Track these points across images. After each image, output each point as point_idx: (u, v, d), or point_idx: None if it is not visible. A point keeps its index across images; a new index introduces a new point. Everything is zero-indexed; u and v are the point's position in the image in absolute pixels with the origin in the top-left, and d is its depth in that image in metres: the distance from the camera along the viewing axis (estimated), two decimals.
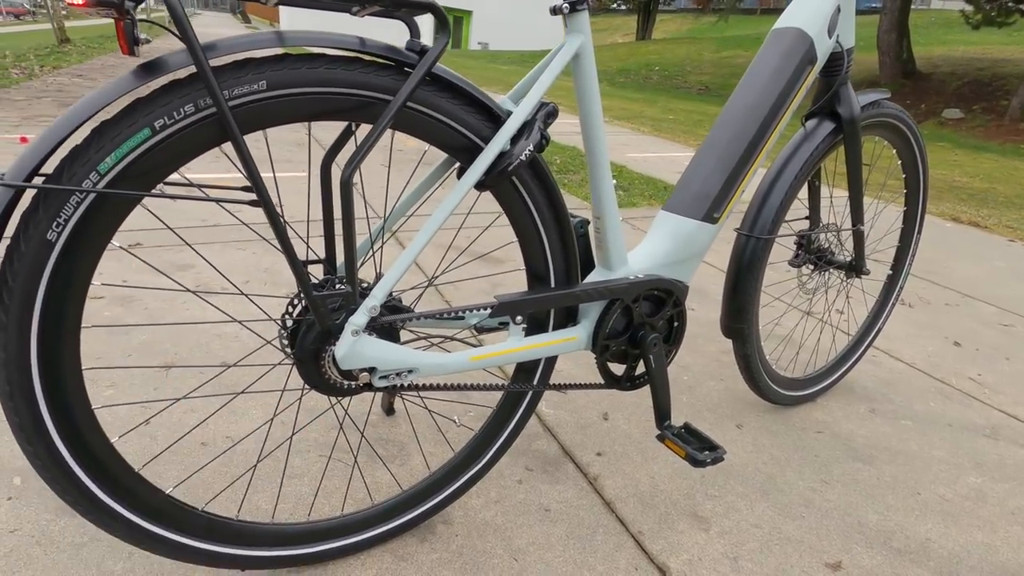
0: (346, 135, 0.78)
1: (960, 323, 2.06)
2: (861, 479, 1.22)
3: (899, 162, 1.40)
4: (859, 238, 1.31)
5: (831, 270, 1.38)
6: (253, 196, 0.64)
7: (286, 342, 0.79)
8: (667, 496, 1.12)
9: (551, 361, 0.98)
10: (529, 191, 0.82)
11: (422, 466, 1.12)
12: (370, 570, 0.90)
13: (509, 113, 0.78)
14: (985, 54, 11.13)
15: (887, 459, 1.29)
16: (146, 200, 2.57)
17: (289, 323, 0.78)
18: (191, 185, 0.66)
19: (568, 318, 0.96)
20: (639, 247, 1.04)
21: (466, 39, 28.91)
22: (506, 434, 0.99)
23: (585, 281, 0.94)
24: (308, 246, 0.78)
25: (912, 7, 11.13)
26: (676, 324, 1.03)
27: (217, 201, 0.64)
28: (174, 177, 1.97)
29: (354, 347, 0.74)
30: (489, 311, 0.84)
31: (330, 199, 0.82)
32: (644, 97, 10.50)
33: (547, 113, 0.79)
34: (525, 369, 0.97)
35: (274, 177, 1.01)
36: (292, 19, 19.59)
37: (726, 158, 1.03)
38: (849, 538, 1.06)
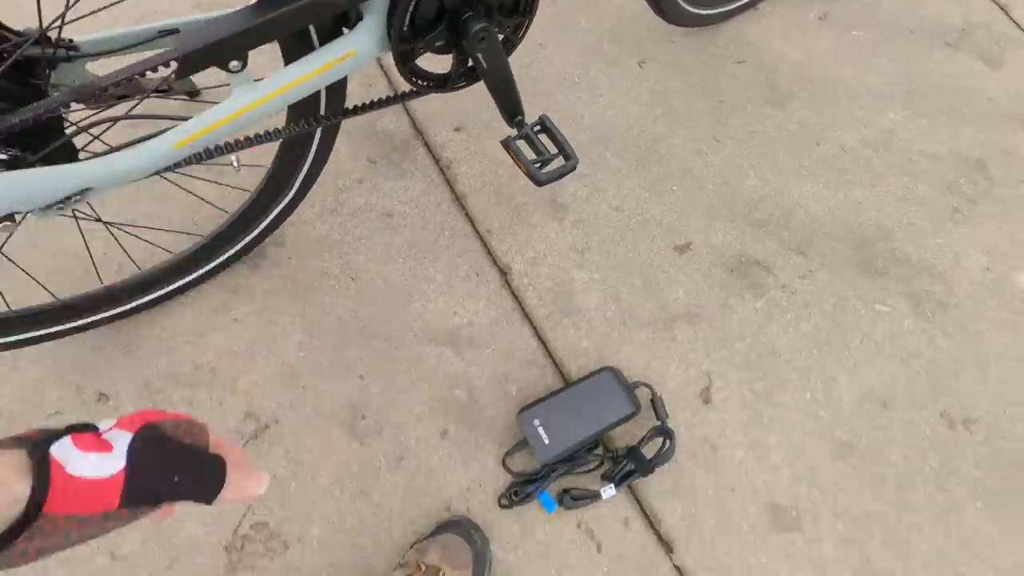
0: None
1: None
2: (760, 132, 1.07)
3: None
4: None
5: None
6: None
7: None
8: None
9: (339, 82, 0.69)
10: None
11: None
12: (203, 308, 0.90)
13: None
14: None
15: (806, 98, 1.10)
16: None
17: None
18: None
19: (340, 21, 0.63)
20: None
21: None
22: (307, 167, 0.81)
23: None
24: None
25: None
26: None
27: None
28: None
29: None
30: (174, 66, 0.53)
31: None
32: None
33: None
34: (302, 103, 0.70)
35: None
36: None
37: None
38: (714, 213, 1.01)
